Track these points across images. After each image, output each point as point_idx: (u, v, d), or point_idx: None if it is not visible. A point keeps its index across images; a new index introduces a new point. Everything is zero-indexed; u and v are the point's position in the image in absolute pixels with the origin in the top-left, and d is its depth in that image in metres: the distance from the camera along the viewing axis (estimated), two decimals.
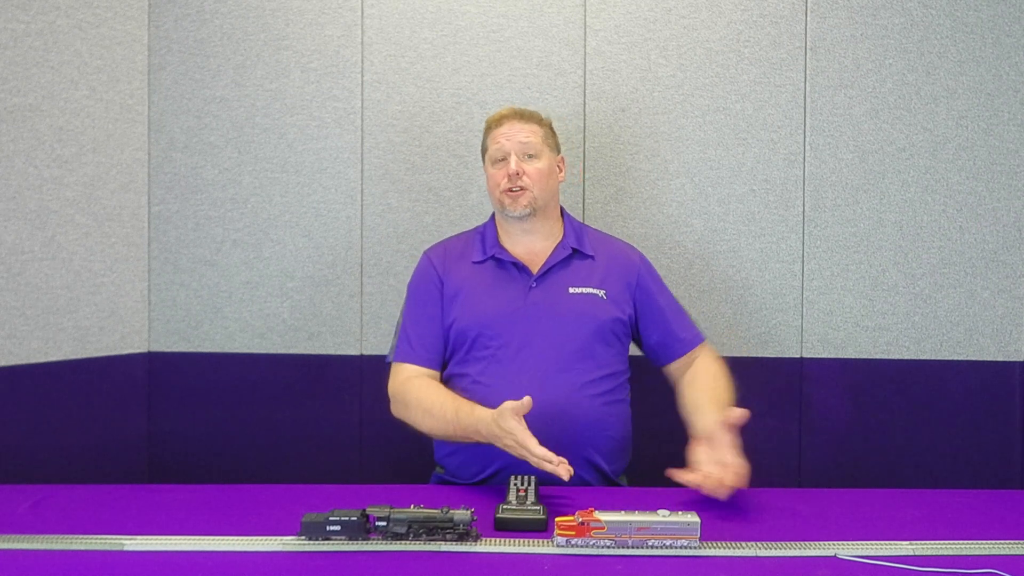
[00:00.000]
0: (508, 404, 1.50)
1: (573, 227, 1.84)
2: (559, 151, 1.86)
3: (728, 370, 1.80)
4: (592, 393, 1.70)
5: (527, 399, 1.49)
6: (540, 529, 1.35)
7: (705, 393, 1.71)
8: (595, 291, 1.76)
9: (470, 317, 1.73)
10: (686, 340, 1.82)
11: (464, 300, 1.75)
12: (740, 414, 1.51)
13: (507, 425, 1.49)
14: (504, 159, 1.76)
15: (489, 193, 1.81)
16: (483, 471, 1.69)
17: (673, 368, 1.82)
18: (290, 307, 2.22)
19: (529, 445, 1.47)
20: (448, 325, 1.76)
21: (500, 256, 1.78)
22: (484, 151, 1.83)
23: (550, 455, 1.46)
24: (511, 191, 1.74)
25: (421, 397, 1.70)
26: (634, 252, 1.87)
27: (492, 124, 1.81)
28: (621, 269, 1.81)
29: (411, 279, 1.85)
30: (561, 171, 1.85)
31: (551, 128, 1.84)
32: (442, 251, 1.85)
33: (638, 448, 1.84)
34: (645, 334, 1.83)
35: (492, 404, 1.58)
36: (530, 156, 1.76)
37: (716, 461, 1.47)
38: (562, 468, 1.46)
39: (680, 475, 1.47)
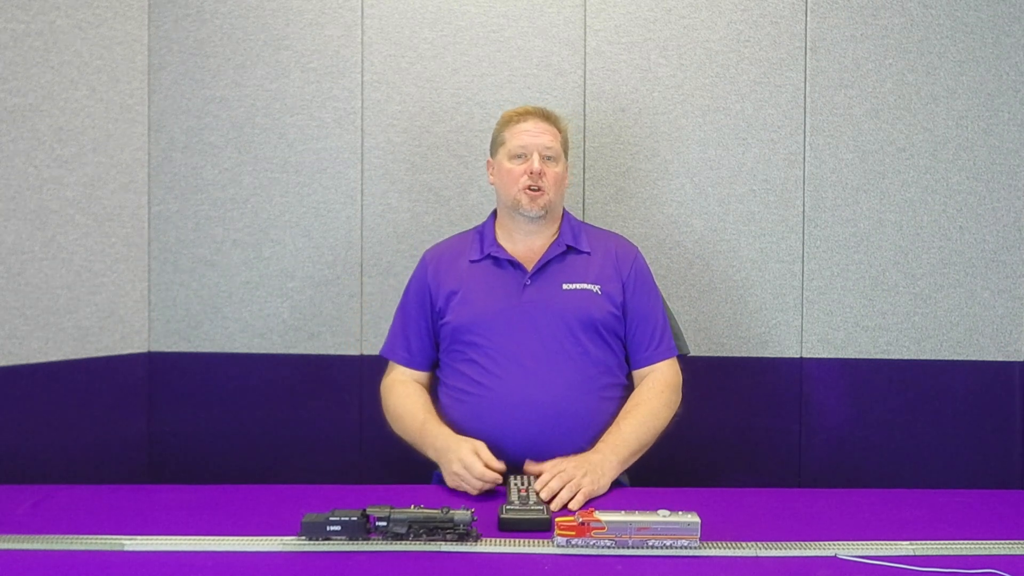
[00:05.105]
0: (484, 451, 1.57)
1: (571, 225, 1.84)
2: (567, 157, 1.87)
3: (675, 397, 1.76)
4: (587, 388, 1.69)
5: (501, 465, 1.56)
6: (544, 528, 1.35)
7: (619, 421, 1.70)
8: (589, 287, 1.76)
9: (465, 316, 1.74)
10: (644, 357, 1.78)
11: (460, 299, 1.76)
12: (536, 470, 1.57)
13: (468, 460, 1.54)
14: (524, 156, 1.76)
15: (501, 187, 1.80)
16: None
17: (634, 374, 1.80)
18: (290, 307, 2.22)
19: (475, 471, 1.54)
20: (443, 324, 1.77)
21: (497, 254, 1.78)
22: (499, 144, 1.81)
23: (488, 474, 1.54)
24: (531, 189, 1.74)
25: (398, 403, 1.78)
26: (633, 249, 1.86)
27: (513, 118, 1.80)
28: (617, 263, 1.80)
29: (410, 277, 1.87)
30: (565, 176, 1.85)
31: (567, 135, 1.85)
32: (439, 253, 1.85)
33: None
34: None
35: (487, 401, 1.66)
36: (550, 159, 1.77)
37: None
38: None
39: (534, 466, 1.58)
